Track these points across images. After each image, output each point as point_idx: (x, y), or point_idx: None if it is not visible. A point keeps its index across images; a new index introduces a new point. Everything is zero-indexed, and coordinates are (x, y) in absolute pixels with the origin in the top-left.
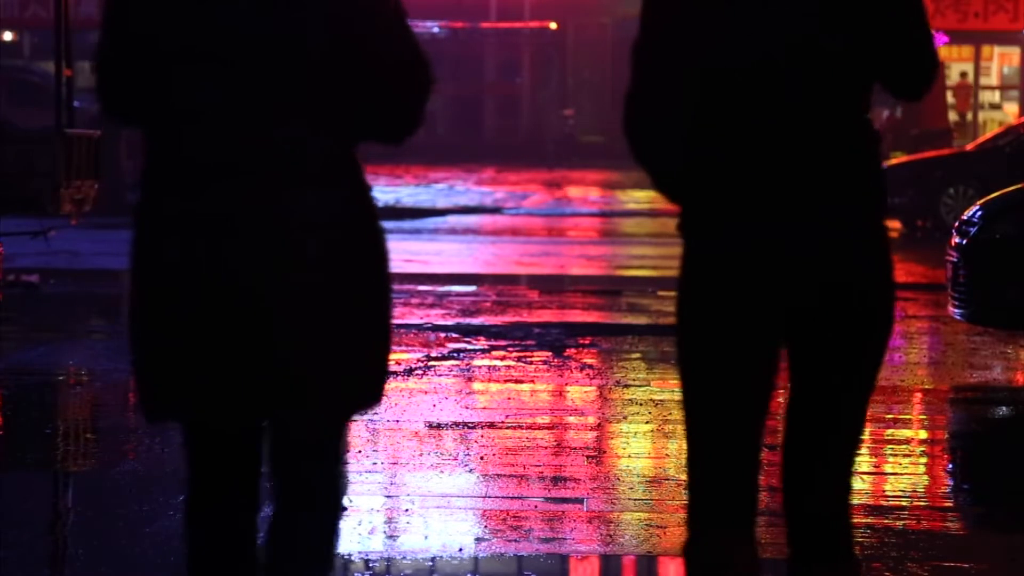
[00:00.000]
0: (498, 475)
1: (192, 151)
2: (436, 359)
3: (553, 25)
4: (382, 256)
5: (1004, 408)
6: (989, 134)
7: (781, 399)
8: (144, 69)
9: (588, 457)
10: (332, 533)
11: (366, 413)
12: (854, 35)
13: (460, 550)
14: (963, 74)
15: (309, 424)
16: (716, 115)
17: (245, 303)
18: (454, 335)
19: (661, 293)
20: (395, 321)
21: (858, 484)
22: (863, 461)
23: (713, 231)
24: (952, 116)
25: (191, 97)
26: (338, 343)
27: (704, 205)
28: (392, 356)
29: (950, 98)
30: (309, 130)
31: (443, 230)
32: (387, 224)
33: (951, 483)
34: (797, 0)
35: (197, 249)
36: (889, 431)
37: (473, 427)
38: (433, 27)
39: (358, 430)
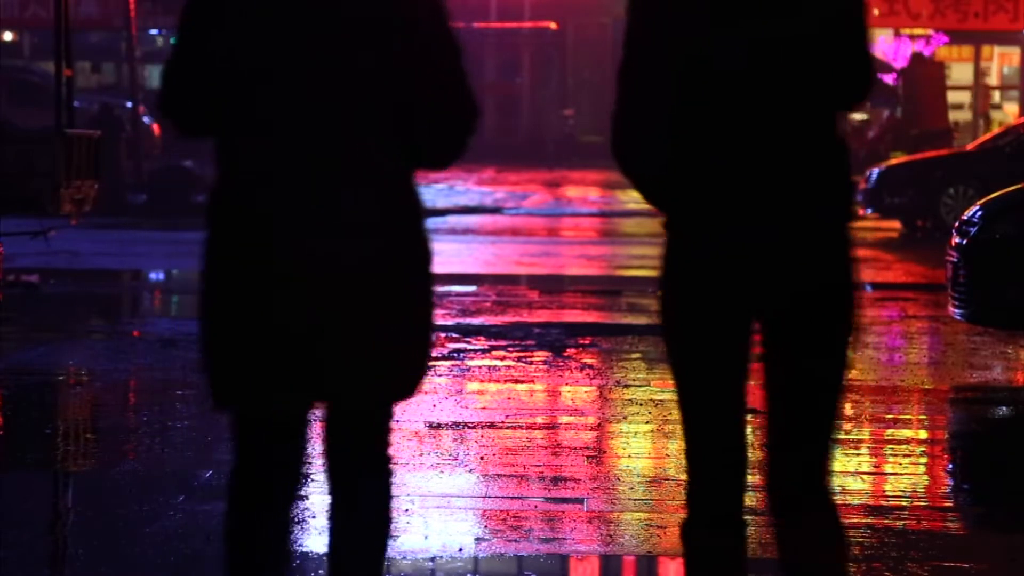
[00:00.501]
0: (498, 475)
1: (255, 161)
2: (436, 359)
3: (553, 25)
4: (426, 257)
5: (1004, 408)
6: (989, 134)
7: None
8: (208, 85)
9: (588, 457)
10: (386, 515)
11: (404, 401)
12: (814, 51)
13: (460, 550)
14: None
15: (354, 411)
16: (696, 128)
17: (297, 298)
18: (454, 335)
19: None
20: None
21: (858, 484)
22: (863, 461)
23: (693, 233)
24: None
25: (253, 111)
26: (380, 336)
27: (685, 210)
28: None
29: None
30: (363, 141)
31: (443, 230)
32: None
33: (951, 483)
34: (766, 22)
35: (256, 249)
36: (889, 431)
37: (473, 427)
38: None
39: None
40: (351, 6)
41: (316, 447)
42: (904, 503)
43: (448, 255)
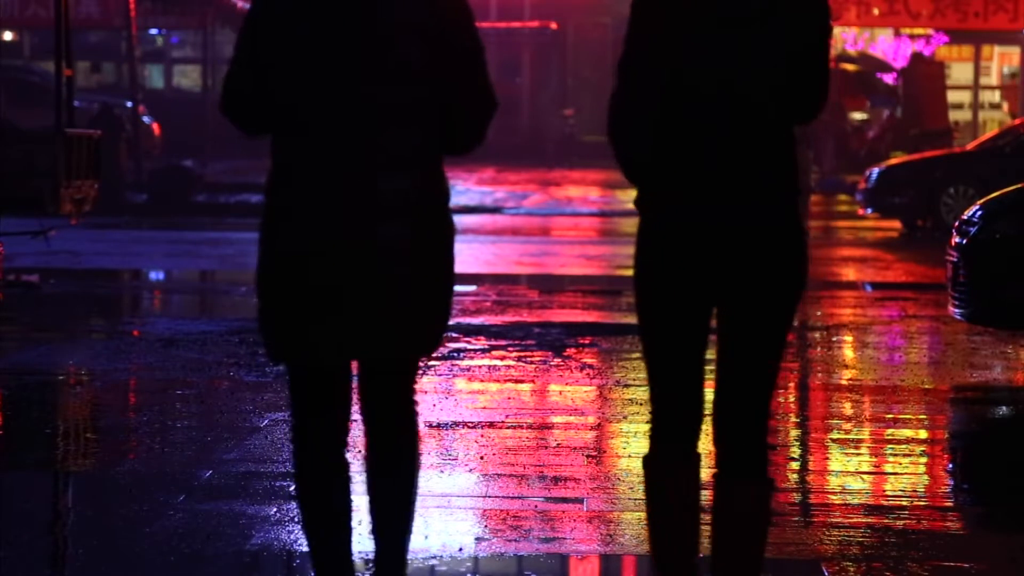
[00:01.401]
0: (498, 475)
1: (304, 151)
2: (436, 359)
3: (553, 25)
4: (451, 234)
5: (1004, 408)
6: (989, 134)
7: (780, 398)
8: (261, 91)
9: (588, 457)
10: (413, 433)
11: (428, 357)
12: (777, 70)
13: (460, 550)
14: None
15: (386, 365)
16: (675, 124)
17: (338, 271)
18: (454, 335)
19: None
20: None
21: (858, 484)
22: (863, 461)
23: (663, 209)
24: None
25: (302, 108)
26: (411, 301)
27: (659, 190)
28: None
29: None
30: (399, 133)
31: None
32: None
33: (951, 483)
34: (739, 44)
35: (305, 229)
36: (889, 431)
37: (473, 427)
38: None
39: (359, 429)
40: (388, 15)
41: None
42: (904, 503)
43: None
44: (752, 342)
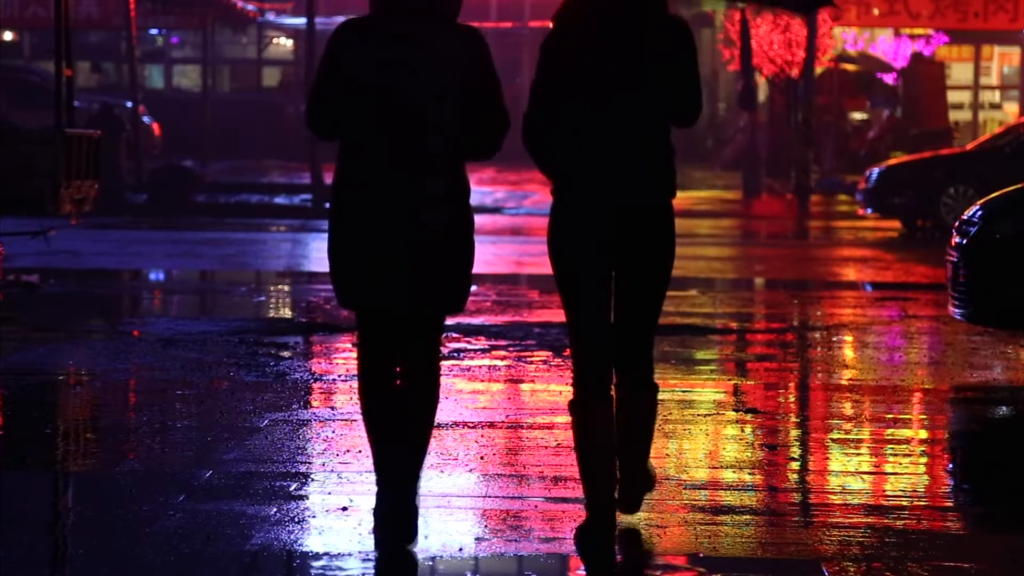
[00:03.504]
0: (498, 475)
1: (366, 155)
2: None
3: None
4: (472, 219)
5: (1004, 408)
6: (989, 134)
7: (780, 398)
8: (336, 109)
9: None
10: (436, 373)
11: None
12: (656, 87)
13: (460, 550)
14: None
15: (426, 313)
16: (576, 132)
17: (389, 244)
18: (454, 335)
19: None
20: None
21: (858, 484)
22: (863, 461)
23: (567, 196)
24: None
25: (365, 120)
26: (443, 268)
27: (565, 181)
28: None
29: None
30: (437, 142)
31: None
32: None
33: (951, 483)
34: (624, 70)
35: (366, 210)
36: (889, 431)
37: (473, 427)
38: None
39: (359, 430)
40: (434, 51)
41: (314, 449)
42: (904, 503)
43: None
44: (640, 294)
